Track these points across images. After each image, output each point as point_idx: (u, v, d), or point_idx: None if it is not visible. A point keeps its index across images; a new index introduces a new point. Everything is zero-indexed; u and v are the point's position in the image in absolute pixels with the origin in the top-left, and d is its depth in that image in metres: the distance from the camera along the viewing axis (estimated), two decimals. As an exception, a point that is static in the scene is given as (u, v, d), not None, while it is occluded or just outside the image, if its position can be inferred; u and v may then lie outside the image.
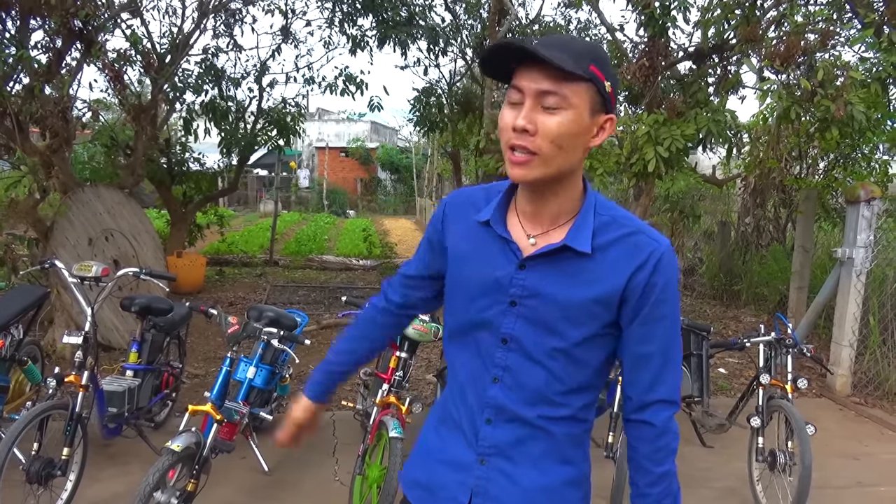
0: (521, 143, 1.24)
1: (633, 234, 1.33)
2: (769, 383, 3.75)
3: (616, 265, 1.31)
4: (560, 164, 1.27)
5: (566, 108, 1.23)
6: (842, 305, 5.68)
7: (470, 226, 1.41)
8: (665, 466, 1.41)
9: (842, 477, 4.12)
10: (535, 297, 1.33)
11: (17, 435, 2.94)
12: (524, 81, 1.24)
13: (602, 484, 3.72)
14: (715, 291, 9.38)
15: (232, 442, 3.24)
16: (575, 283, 1.31)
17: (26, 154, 5.79)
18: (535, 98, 1.23)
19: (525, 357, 1.35)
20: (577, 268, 1.31)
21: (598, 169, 5.80)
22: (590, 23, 9.31)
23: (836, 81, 4.93)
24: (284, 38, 9.14)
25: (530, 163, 1.25)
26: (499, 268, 1.35)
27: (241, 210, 25.40)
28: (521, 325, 1.34)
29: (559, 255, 1.31)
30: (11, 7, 5.66)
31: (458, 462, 1.42)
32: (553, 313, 1.32)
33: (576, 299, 1.31)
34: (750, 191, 9.30)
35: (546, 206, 1.34)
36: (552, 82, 1.22)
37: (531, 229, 1.36)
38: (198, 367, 5.73)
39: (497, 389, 1.37)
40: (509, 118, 1.26)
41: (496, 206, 1.38)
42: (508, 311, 1.34)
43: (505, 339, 1.35)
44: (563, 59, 1.19)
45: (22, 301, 4.03)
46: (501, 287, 1.35)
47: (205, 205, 9.91)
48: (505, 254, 1.35)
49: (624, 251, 1.31)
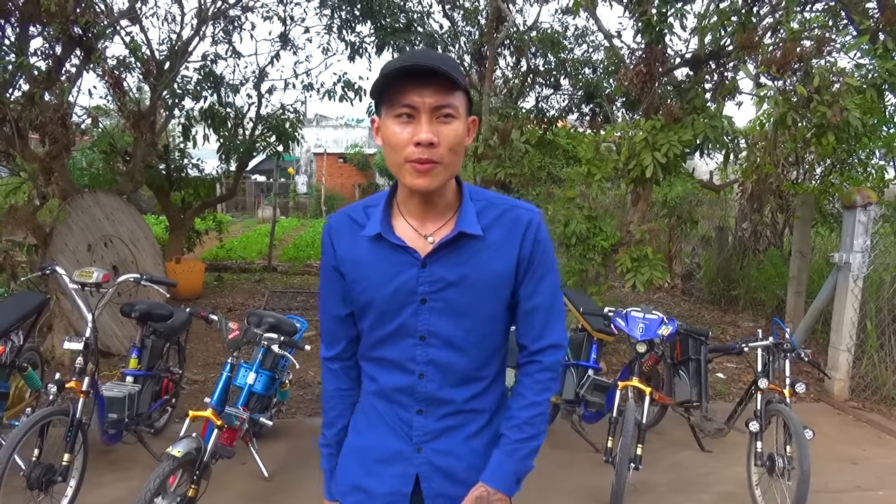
0: (426, 155, 1.32)
1: (510, 210, 1.46)
2: (767, 388, 3.76)
3: (505, 240, 1.44)
4: (455, 168, 1.38)
5: (456, 116, 1.34)
6: (839, 310, 5.70)
7: (358, 243, 1.45)
8: (541, 397, 1.52)
9: (840, 481, 4.13)
10: (444, 289, 1.41)
11: (18, 441, 2.95)
12: (415, 98, 1.30)
13: (602, 489, 3.73)
14: (713, 296, 9.40)
15: (232, 447, 3.24)
16: (476, 264, 1.42)
17: (26, 160, 5.80)
18: (430, 112, 1.31)
19: (446, 347, 1.44)
20: (474, 251, 1.42)
21: (597, 175, 5.83)
22: (587, 29, 9.35)
23: (832, 87, 4.96)
24: (283, 44, 9.16)
25: (433, 171, 1.34)
26: (400, 273, 1.41)
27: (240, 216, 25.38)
28: (435, 319, 1.42)
29: (455, 245, 1.41)
30: (11, 14, 5.68)
31: (395, 455, 1.49)
32: (464, 298, 1.42)
33: (482, 279, 1.42)
34: (747, 196, 9.32)
35: (435, 206, 1.43)
36: (443, 95, 1.31)
37: (424, 229, 1.43)
38: (197, 373, 5.73)
39: (424, 384, 1.46)
40: (406, 134, 1.32)
41: (381, 218, 1.43)
42: (421, 310, 1.42)
43: (423, 335, 1.43)
44: (454, 74, 1.30)
45: (22, 307, 4.03)
46: (408, 290, 1.41)
47: (203, 211, 9.91)
48: (403, 259, 1.41)
49: (507, 226, 1.44)
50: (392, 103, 1.33)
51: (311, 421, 4.75)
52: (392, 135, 1.33)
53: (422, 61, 1.29)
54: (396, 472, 1.48)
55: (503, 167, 7.29)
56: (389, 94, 1.33)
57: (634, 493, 3.81)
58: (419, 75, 1.29)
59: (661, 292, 10.29)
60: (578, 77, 9.13)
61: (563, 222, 5.92)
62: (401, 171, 1.36)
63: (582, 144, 7.62)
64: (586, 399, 4.09)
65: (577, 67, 9.11)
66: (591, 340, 4.34)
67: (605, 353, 5.87)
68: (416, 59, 1.30)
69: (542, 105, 9.68)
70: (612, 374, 5.56)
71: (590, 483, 3.96)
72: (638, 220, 6.15)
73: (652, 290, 9.82)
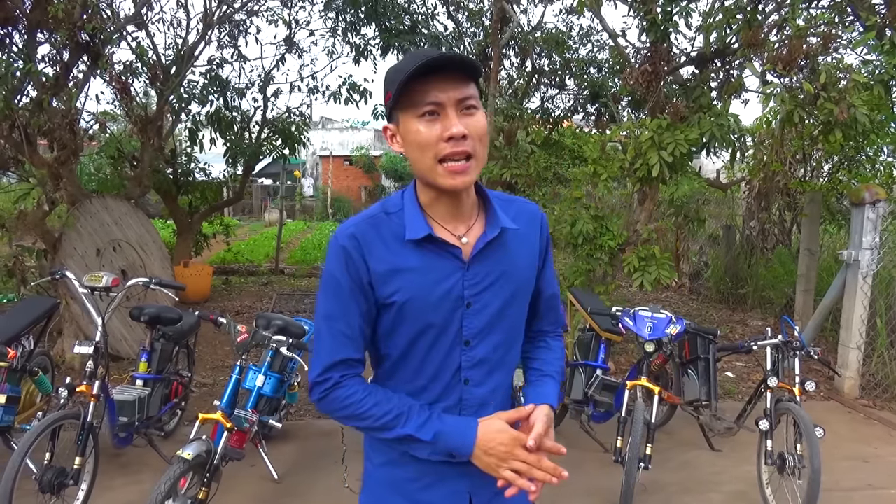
0: (460, 149, 1.29)
1: (522, 205, 1.50)
2: (777, 386, 3.75)
3: (528, 233, 1.46)
4: (485, 160, 1.35)
5: (478, 106, 1.32)
6: (848, 308, 5.67)
7: (395, 250, 1.36)
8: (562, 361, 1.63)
9: (851, 479, 4.11)
10: (487, 289, 1.39)
11: (30, 445, 2.97)
12: (438, 94, 1.28)
13: (612, 488, 3.73)
14: (721, 295, 9.36)
15: (242, 450, 3.26)
16: (514, 259, 1.42)
17: (35, 166, 5.84)
18: (455, 105, 1.29)
19: (489, 349, 1.41)
20: (508, 246, 1.41)
21: (603, 174, 5.82)
22: (592, 29, 9.33)
23: (838, 84, 4.94)
24: (288, 48, 9.20)
25: (469, 167, 1.31)
26: (445, 278, 1.36)
27: (247, 219, 25.46)
28: (478, 321, 1.39)
29: (493, 243, 1.39)
30: (19, 21, 5.72)
31: (445, 475, 1.43)
32: (504, 294, 1.40)
33: (522, 272, 1.44)
34: (754, 194, 9.29)
35: (464, 205, 1.40)
36: (464, 87, 1.29)
37: (457, 230, 1.39)
38: (206, 376, 5.75)
39: (469, 390, 1.42)
40: (435, 131, 1.28)
41: (423, 220, 1.36)
42: (466, 315, 1.38)
43: (467, 340, 1.39)
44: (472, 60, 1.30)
45: (32, 312, 4.07)
46: (453, 294, 1.36)
47: (210, 214, 9.95)
48: (447, 263, 1.37)
49: (526, 220, 1.46)
50: (413, 103, 1.28)
51: (319, 423, 4.76)
52: (419, 135, 1.29)
53: (440, 54, 1.26)
54: (449, 492, 1.43)
55: (509, 168, 7.29)
56: (407, 95, 1.28)
57: (644, 492, 3.81)
58: (436, 70, 1.26)
59: (669, 291, 10.26)
60: (583, 77, 9.12)
61: (569, 222, 5.91)
62: (432, 174, 1.31)
63: (588, 144, 7.63)
64: (595, 399, 4.08)
65: (582, 67, 9.10)
66: (599, 340, 4.33)
67: (613, 352, 5.86)
68: (434, 54, 1.26)
69: (547, 105, 9.67)
70: (621, 374, 5.55)
71: (599, 483, 3.96)
72: (645, 220, 6.13)
73: (659, 290, 9.80)
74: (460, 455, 1.37)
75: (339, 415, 1.39)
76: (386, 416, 1.36)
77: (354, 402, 1.36)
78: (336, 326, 1.37)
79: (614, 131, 6.62)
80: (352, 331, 1.37)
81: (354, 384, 1.38)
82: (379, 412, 1.36)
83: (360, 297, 1.36)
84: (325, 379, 1.37)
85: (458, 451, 1.36)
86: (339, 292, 1.36)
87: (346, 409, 1.37)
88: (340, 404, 1.37)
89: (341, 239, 1.36)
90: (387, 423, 1.36)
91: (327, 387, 1.37)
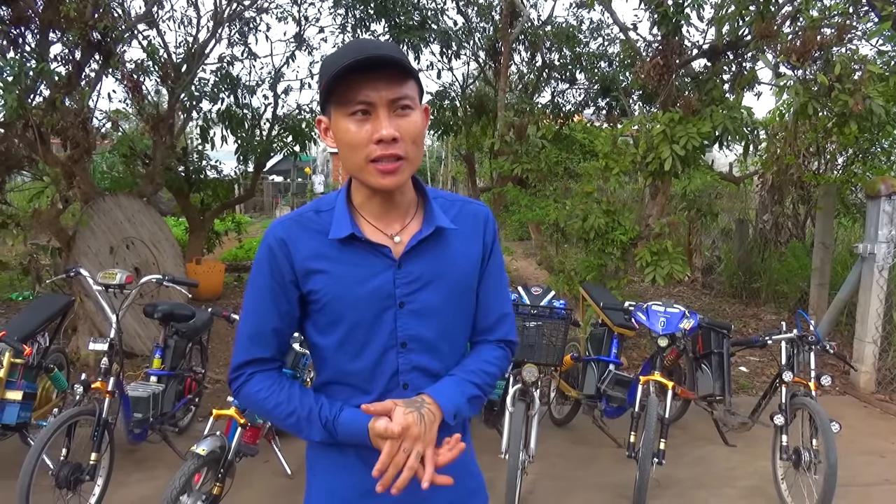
0: (390, 151, 1.25)
1: (465, 205, 1.45)
2: (792, 381, 3.72)
3: (470, 233, 1.42)
4: (419, 161, 1.32)
5: (413, 107, 1.27)
6: (864, 302, 5.62)
7: (321, 249, 1.33)
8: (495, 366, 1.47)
9: (868, 474, 4.07)
10: (420, 289, 1.34)
11: (46, 441, 3.00)
12: (370, 92, 1.23)
13: (625, 484, 3.72)
14: (734, 290, 9.30)
15: (255, 445, 3.27)
16: (451, 257, 1.38)
17: (48, 165, 5.88)
18: (387, 106, 1.24)
19: (426, 350, 1.37)
20: (445, 245, 1.37)
21: (614, 169, 5.79)
22: (602, 23, 9.27)
23: (853, 76, 4.88)
24: (298, 45, 9.19)
25: (399, 168, 1.27)
26: (374, 276, 1.32)
27: (258, 216, 25.56)
28: (414, 322, 1.35)
29: (427, 242, 1.35)
30: (31, 21, 5.76)
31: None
32: (439, 296, 1.36)
33: (457, 273, 1.38)
34: (767, 188, 9.22)
35: (398, 204, 1.37)
36: (398, 87, 1.24)
37: (390, 229, 1.36)
38: (219, 373, 5.78)
39: (408, 394, 1.35)
40: (364, 132, 1.24)
41: (348, 219, 1.33)
42: (399, 315, 1.34)
43: (403, 342, 1.35)
44: (405, 61, 1.24)
45: (47, 310, 4.11)
46: (386, 293, 1.33)
47: (222, 212, 9.99)
48: (376, 261, 1.33)
49: (469, 219, 1.43)
50: (343, 101, 1.24)
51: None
52: (349, 135, 1.25)
53: (372, 52, 1.20)
54: (390, 501, 1.31)
55: (520, 163, 7.27)
56: (339, 91, 1.24)
57: (658, 487, 3.79)
58: (369, 68, 1.21)
59: (682, 286, 10.20)
60: (594, 71, 9.06)
61: (581, 217, 5.89)
62: (362, 173, 1.28)
63: (599, 139, 7.59)
64: (608, 394, 4.07)
65: (593, 61, 9.05)
66: (611, 335, 4.31)
67: (625, 347, 5.84)
68: (366, 51, 1.21)
69: (557, 100, 9.63)
70: (633, 369, 5.53)
71: (613, 478, 3.94)
72: (657, 214, 6.10)
73: (672, 284, 9.75)
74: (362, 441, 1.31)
75: (253, 410, 1.39)
76: (290, 416, 1.35)
77: (259, 399, 1.37)
78: (250, 326, 1.38)
79: (626, 125, 6.58)
80: (263, 331, 1.37)
81: (263, 379, 1.37)
82: (283, 411, 1.35)
83: (280, 297, 1.35)
84: (238, 375, 1.39)
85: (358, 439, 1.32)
86: (258, 292, 1.37)
87: (254, 405, 1.39)
88: (252, 399, 1.38)
89: (268, 238, 1.35)
90: (294, 422, 1.35)
91: (240, 382, 1.38)
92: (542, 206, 6.68)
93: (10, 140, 5.72)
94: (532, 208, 6.91)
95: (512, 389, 3.51)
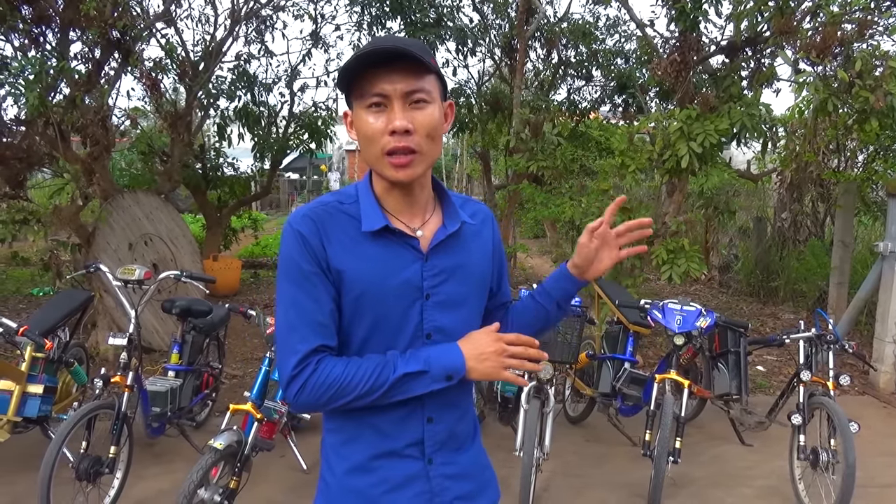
0: (403, 144, 1.26)
1: (475, 204, 1.51)
2: (810, 380, 3.68)
3: (482, 230, 1.47)
4: (435, 155, 1.33)
5: (430, 101, 1.28)
6: (884, 301, 5.55)
7: (352, 239, 1.32)
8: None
9: (887, 476, 4.03)
10: (445, 281, 1.36)
11: (67, 434, 3.04)
12: (385, 85, 1.25)
13: (640, 482, 3.70)
14: (751, 288, 9.22)
15: (272, 440, 3.30)
16: (471, 252, 1.42)
17: (68, 162, 5.96)
18: (402, 98, 1.26)
19: (449, 341, 1.36)
20: (464, 240, 1.41)
21: (631, 166, 5.76)
22: (619, 19, 9.21)
23: (874, 72, 4.82)
24: (314, 42, 9.24)
25: (413, 161, 1.28)
26: (403, 268, 1.33)
27: (274, 213, 25.71)
28: (439, 314, 1.36)
29: (452, 237, 1.38)
30: (52, 20, 5.83)
31: (409, 478, 1.36)
32: (461, 288, 1.39)
33: (479, 267, 1.43)
34: (786, 185, 9.13)
35: (418, 199, 1.38)
36: (414, 80, 1.26)
37: (412, 223, 1.37)
38: (236, 368, 5.83)
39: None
40: (380, 123, 1.26)
41: (379, 211, 1.33)
42: (426, 306, 1.35)
43: (429, 333, 1.36)
44: (422, 55, 1.24)
45: (67, 305, 4.16)
46: (412, 284, 1.33)
47: (239, 209, 10.06)
48: (405, 253, 1.34)
49: (479, 217, 1.47)
50: (362, 94, 1.27)
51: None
52: (366, 126, 1.28)
53: (387, 45, 1.24)
54: (413, 495, 1.35)
55: (535, 160, 7.25)
56: (358, 84, 1.27)
57: (673, 486, 3.78)
58: (387, 61, 1.24)
59: (698, 284, 10.13)
60: (610, 68, 9.01)
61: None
62: (378, 165, 1.30)
63: (615, 136, 7.55)
64: (623, 392, 4.05)
65: (609, 58, 8.99)
66: (627, 333, 4.30)
67: (641, 346, 5.81)
68: (381, 44, 1.25)
69: (573, 97, 9.59)
70: (648, 368, 5.50)
71: (628, 477, 3.93)
72: (674, 212, 6.06)
73: (688, 283, 9.68)
74: (456, 372, 1.30)
75: (323, 400, 1.29)
76: (373, 375, 1.27)
77: (336, 378, 1.26)
78: (307, 314, 1.29)
79: (642, 122, 6.54)
80: (324, 317, 1.29)
81: (329, 362, 1.28)
82: (364, 374, 1.27)
83: (325, 280, 1.30)
84: (300, 371, 1.27)
85: (453, 369, 1.30)
86: (303, 278, 1.29)
87: (329, 389, 1.26)
88: (322, 387, 1.26)
89: (296, 225, 1.31)
90: (376, 379, 1.27)
91: (305, 378, 1.26)
92: (558, 204, 6.66)
93: (32, 137, 5.80)
94: (547, 206, 6.90)
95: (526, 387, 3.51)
